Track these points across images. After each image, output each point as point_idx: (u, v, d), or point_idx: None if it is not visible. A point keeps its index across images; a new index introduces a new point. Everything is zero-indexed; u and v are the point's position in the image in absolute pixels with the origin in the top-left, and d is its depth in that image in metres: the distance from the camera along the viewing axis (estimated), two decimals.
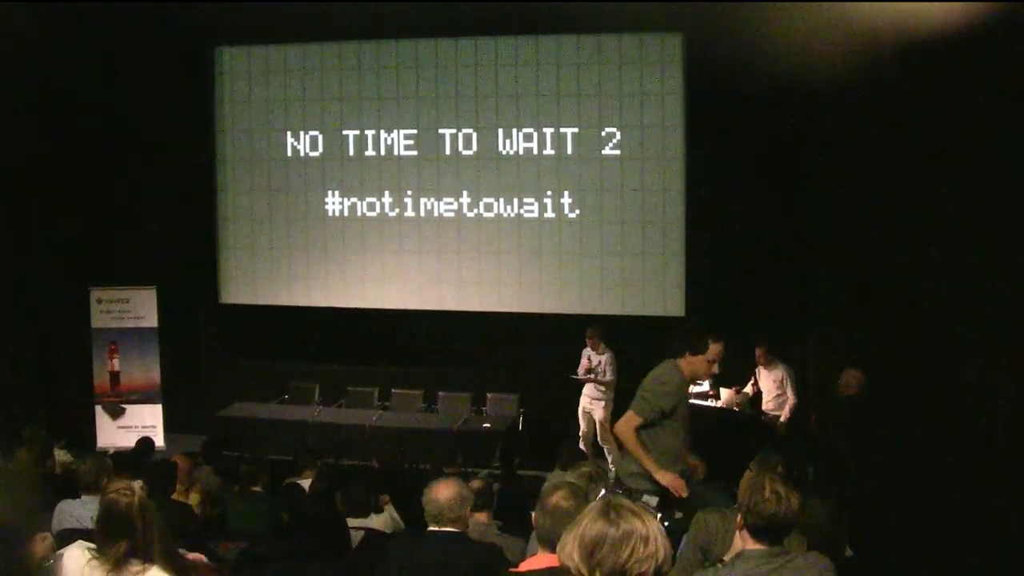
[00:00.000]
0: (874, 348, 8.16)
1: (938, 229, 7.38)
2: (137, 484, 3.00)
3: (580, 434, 9.26)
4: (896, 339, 7.87)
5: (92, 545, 2.97)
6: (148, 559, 2.91)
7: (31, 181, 10.02)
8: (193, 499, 6.11)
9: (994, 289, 6.72)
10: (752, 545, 3.06)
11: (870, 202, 8.21)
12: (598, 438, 9.12)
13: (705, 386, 8.81)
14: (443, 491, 3.61)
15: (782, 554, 3.04)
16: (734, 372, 9.00)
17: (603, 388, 9.04)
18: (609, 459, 8.61)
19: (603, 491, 4.01)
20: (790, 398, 8.41)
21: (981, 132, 6.79)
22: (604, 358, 8.99)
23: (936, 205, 7.35)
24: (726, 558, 3.25)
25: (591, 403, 9.13)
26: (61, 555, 3.00)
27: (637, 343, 9.48)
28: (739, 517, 3.12)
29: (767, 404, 8.55)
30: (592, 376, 9.05)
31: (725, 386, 8.85)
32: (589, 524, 2.04)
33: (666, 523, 4.33)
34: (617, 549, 2.00)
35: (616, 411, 9.01)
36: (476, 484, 4.34)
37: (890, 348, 7.94)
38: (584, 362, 9.11)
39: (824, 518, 3.99)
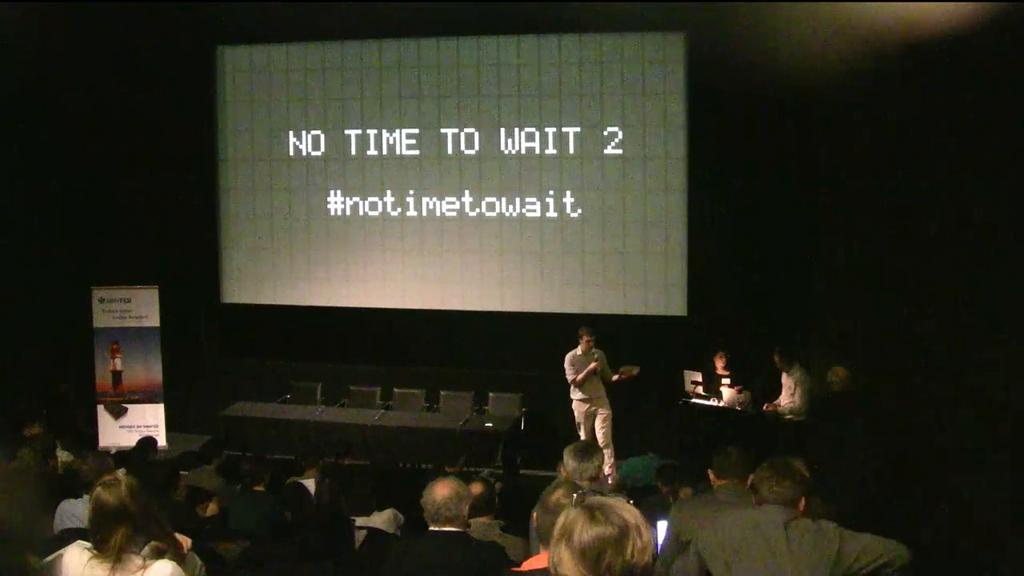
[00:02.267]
0: (875, 348, 8.16)
1: (941, 229, 7.36)
2: (120, 472, 2.99)
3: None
4: (897, 339, 7.87)
5: (91, 544, 2.95)
6: (162, 539, 2.91)
7: (33, 181, 10.03)
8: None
9: (996, 289, 6.71)
10: None
11: (872, 201, 8.20)
12: (601, 442, 8.95)
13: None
14: (440, 490, 3.61)
15: (792, 511, 3.30)
16: (736, 372, 9.02)
17: (603, 387, 8.96)
18: (609, 463, 8.47)
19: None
20: (796, 399, 8.42)
21: (984, 132, 6.78)
22: (601, 358, 8.90)
23: (938, 205, 7.34)
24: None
25: (593, 405, 8.92)
26: (61, 555, 2.99)
27: (639, 343, 9.51)
28: (753, 500, 3.30)
29: (784, 406, 8.53)
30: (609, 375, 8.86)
31: (727, 386, 8.85)
32: (581, 532, 1.98)
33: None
34: (620, 547, 1.96)
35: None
36: (478, 488, 4.32)
37: (891, 347, 7.94)
38: (583, 365, 8.82)
39: (820, 514, 4.01)
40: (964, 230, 7.01)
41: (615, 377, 8.90)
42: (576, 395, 8.93)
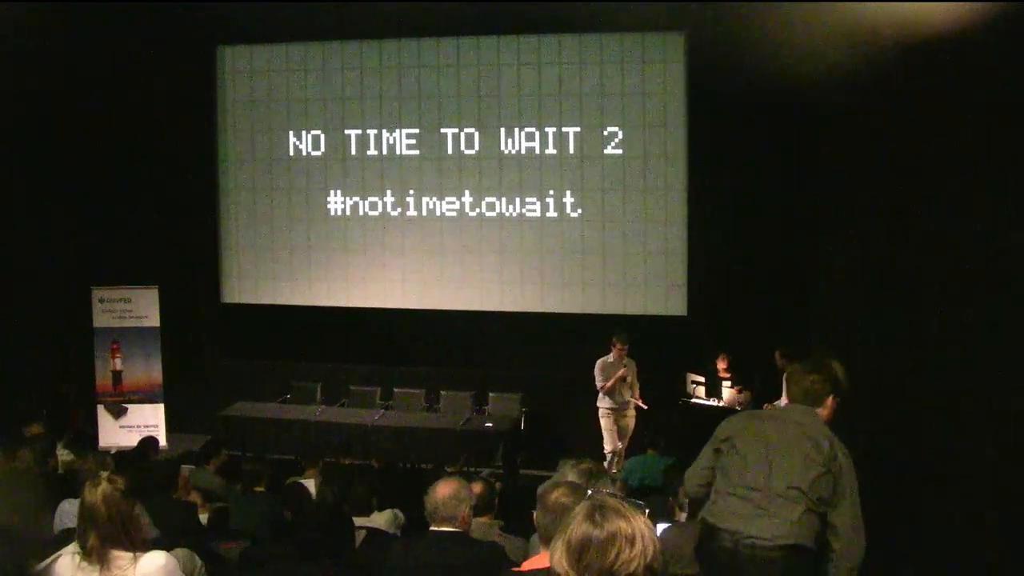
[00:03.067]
0: (875, 347, 8.15)
1: (941, 227, 7.36)
2: (104, 475, 2.96)
3: (611, 451, 8.74)
4: (898, 338, 7.86)
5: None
6: (125, 548, 2.86)
7: (33, 181, 10.03)
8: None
9: (998, 287, 6.70)
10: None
11: (872, 200, 8.20)
12: (621, 447, 8.78)
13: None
14: (440, 489, 3.61)
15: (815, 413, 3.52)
16: (737, 373, 9.02)
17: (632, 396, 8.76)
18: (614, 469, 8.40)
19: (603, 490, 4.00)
20: None
21: (983, 131, 6.77)
22: (632, 367, 8.74)
23: (939, 204, 7.34)
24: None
25: (624, 416, 8.72)
26: (59, 556, 2.98)
27: (639, 343, 9.50)
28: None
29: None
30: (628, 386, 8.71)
31: (727, 387, 8.85)
32: (575, 527, 2.03)
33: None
34: (603, 551, 1.99)
35: None
36: (478, 487, 4.32)
37: (891, 347, 7.93)
38: (618, 372, 8.59)
39: None
40: (966, 229, 7.00)
41: (635, 394, 8.78)
42: (604, 403, 8.74)
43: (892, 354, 7.86)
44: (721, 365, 8.97)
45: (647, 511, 2.98)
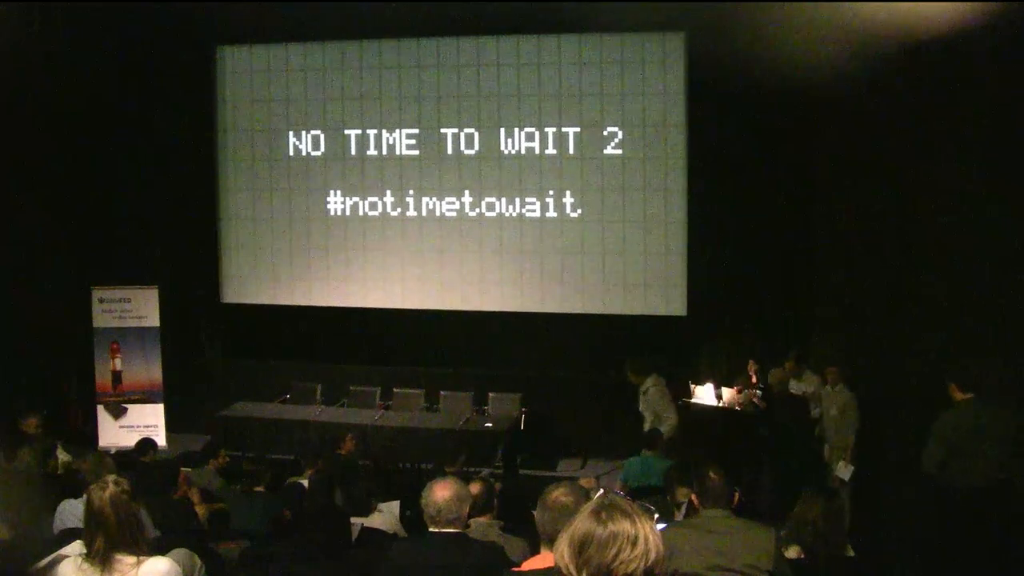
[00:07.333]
0: (875, 348, 8.15)
1: (941, 228, 7.36)
2: (111, 478, 2.96)
3: None
4: (898, 338, 7.86)
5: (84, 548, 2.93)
6: (130, 551, 2.86)
7: (33, 180, 10.02)
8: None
9: (998, 288, 6.70)
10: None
11: (872, 200, 8.20)
12: None
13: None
14: (440, 492, 3.60)
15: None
16: (737, 371, 9.01)
17: None
18: None
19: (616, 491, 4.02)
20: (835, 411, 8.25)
21: (982, 131, 6.78)
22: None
23: (939, 204, 7.34)
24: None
25: None
26: (57, 559, 2.97)
27: (639, 343, 9.50)
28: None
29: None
30: None
31: (727, 385, 8.84)
32: (579, 523, 2.07)
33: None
34: (603, 549, 2.01)
35: None
36: (476, 487, 4.31)
37: (891, 347, 7.93)
38: None
39: (818, 513, 4.01)
40: (966, 229, 7.00)
41: None
42: None
43: (892, 353, 7.86)
44: (751, 371, 8.89)
45: (656, 516, 2.99)
